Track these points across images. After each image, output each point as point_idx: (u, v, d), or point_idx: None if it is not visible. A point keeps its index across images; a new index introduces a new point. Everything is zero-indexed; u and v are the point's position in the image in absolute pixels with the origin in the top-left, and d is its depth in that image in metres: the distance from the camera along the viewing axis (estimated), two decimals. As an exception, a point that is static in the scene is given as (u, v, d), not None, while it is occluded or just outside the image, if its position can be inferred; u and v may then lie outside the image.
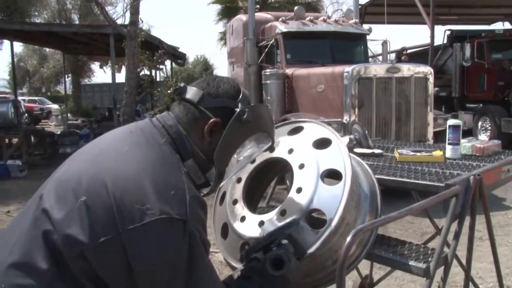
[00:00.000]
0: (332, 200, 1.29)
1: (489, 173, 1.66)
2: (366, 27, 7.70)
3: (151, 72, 11.45)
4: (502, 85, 9.23)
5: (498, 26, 14.95)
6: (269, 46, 6.82)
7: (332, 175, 1.36)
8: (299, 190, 1.33)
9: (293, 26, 6.84)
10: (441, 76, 10.52)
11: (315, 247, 1.23)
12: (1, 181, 7.15)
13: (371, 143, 2.17)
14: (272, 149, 1.45)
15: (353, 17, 7.43)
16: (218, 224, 1.51)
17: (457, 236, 1.45)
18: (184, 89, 1.16)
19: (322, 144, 1.43)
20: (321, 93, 5.82)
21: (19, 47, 28.17)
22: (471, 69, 9.77)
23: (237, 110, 1.13)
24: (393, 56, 9.66)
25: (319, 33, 6.92)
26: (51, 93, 32.95)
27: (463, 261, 1.65)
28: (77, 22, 21.21)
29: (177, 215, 0.96)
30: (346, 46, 7.08)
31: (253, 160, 1.49)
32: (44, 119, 19.86)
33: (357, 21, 7.49)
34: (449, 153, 1.97)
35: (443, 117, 5.91)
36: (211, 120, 1.13)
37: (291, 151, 1.44)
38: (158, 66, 10.23)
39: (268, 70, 6.58)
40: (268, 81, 6.47)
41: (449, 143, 1.98)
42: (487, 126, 9.28)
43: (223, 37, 15.93)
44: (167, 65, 13.05)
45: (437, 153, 1.97)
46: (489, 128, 9.19)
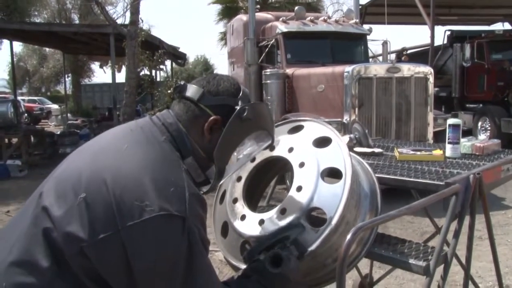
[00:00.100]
0: (332, 198, 1.29)
1: (489, 172, 1.66)
2: (366, 27, 7.70)
3: (151, 72, 11.46)
4: (502, 85, 9.25)
5: (498, 26, 14.98)
6: (269, 46, 6.83)
7: (332, 173, 1.36)
8: (299, 188, 1.33)
9: (294, 26, 6.84)
10: (441, 76, 10.53)
11: (315, 246, 1.23)
12: (1, 181, 7.14)
13: (371, 142, 2.16)
14: (272, 148, 1.45)
15: (353, 17, 7.43)
16: (218, 222, 1.51)
17: (457, 234, 1.45)
18: (184, 87, 1.17)
19: (322, 142, 1.43)
20: (321, 93, 5.82)
21: (18, 46, 28.27)
22: (471, 69, 9.77)
23: (237, 108, 1.14)
24: (393, 56, 9.66)
25: (319, 33, 6.92)
26: (51, 93, 32.95)
27: (463, 260, 1.66)
28: (77, 21, 21.23)
29: (177, 212, 0.96)
30: (346, 46, 7.09)
31: (253, 158, 1.49)
32: (44, 119, 19.85)
33: (358, 21, 7.49)
34: (449, 152, 1.97)
35: (443, 117, 5.92)
36: (211, 117, 1.13)
37: (291, 150, 1.44)
38: (158, 66, 10.23)
39: (268, 70, 6.58)
40: (268, 81, 6.48)
41: (449, 142, 1.98)
42: (487, 126, 9.29)
43: (224, 37, 15.93)
44: (167, 65, 13.07)
45: (437, 152, 1.97)
46: (489, 128, 9.19)
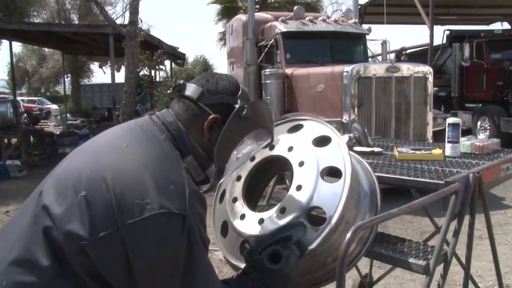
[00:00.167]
0: (332, 197, 1.29)
1: (489, 171, 1.66)
2: (365, 27, 7.71)
3: (151, 72, 11.45)
4: (501, 85, 9.26)
5: (497, 26, 15.03)
6: (268, 46, 6.83)
7: (332, 172, 1.36)
8: (299, 187, 1.33)
9: (293, 26, 6.84)
10: (440, 76, 10.53)
11: (315, 245, 1.23)
12: (0, 181, 7.14)
13: (370, 141, 2.16)
14: (271, 147, 1.45)
15: (352, 17, 7.43)
16: (218, 222, 1.51)
17: (457, 233, 1.45)
18: (183, 86, 1.17)
19: (321, 141, 1.43)
20: (320, 93, 5.82)
21: (18, 47, 28.31)
22: (470, 69, 9.78)
23: (236, 106, 1.14)
24: (392, 56, 9.67)
25: (318, 33, 6.92)
26: (50, 93, 32.95)
27: (463, 259, 1.66)
28: (77, 22, 21.23)
29: (177, 209, 0.96)
30: (345, 46, 7.09)
31: (252, 157, 1.49)
32: (43, 119, 19.84)
33: (357, 21, 7.49)
34: (448, 151, 1.97)
35: (442, 116, 5.92)
36: (211, 116, 1.13)
37: (290, 149, 1.44)
38: (157, 66, 10.22)
39: (267, 70, 6.58)
40: (267, 81, 6.47)
41: (449, 141, 1.98)
42: (486, 125, 9.30)
43: (223, 37, 15.93)
44: (167, 65, 13.06)
45: (437, 151, 1.97)
46: (488, 127, 9.20)
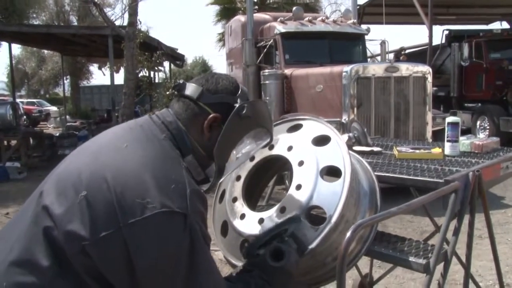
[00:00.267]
0: (331, 196, 1.29)
1: (488, 170, 1.66)
2: (364, 27, 7.71)
3: (150, 73, 11.44)
4: (500, 84, 9.26)
5: (496, 25, 15.05)
6: (267, 46, 6.82)
7: (331, 172, 1.36)
8: (298, 187, 1.33)
9: (292, 26, 6.84)
10: (439, 75, 10.54)
11: (315, 244, 1.23)
12: (0, 183, 7.13)
13: (370, 141, 2.17)
14: (271, 146, 1.45)
15: (351, 17, 7.44)
16: (217, 222, 1.51)
17: (457, 232, 1.45)
18: (183, 85, 1.17)
19: (321, 141, 1.43)
20: (320, 93, 5.82)
21: (17, 49, 28.33)
22: (470, 68, 9.79)
23: (236, 105, 1.14)
24: (391, 56, 9.68)
25: (317, 33, 6.92)
26: (50, 95, 32.94)
27: (463, 259, 1.66)
28: (76, 23, 21.24)
29: (178, 208, 0.96)
30: (344, 46, 7.09)
31: (252, 157, 1.49)
32: (42, 121, 19.83)
33: (355, 21, 7.50)
34: (448, 150, 1.98)
35: (441, 116, 5.92)
36: (211, 115, 1.13)
37: (290, 149, 1.44)
38: (156, 67, 10.22)
39: (266, 70, 6.58)
40: (267, 82, 6.47)
41: (448, 140, 1.98)
42: (486, 125, 9.30)
43: (222, 38, 15.91)
44: (166, 67, 13.06)
45: (436, 150, 1.97)
46: (488, 127, 9.21)
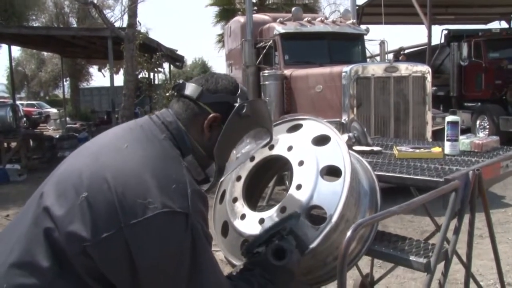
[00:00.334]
0: (332, 196, 1.29)
1: (488, 168, 1.66)
2: (363, 27, 7.71)
3: (149, 74, 11.45)
4: (499, 83, 9.26)
5: (494, 25, 15.06)
6: (267, 47, 6.82)
7: (331, 171, 1.36)
8: (299, 187, 1.33)
9: (291, 27, 6.84)
10: (439, 75, 10.55)
11: (315, 243, 1.23)
12: (0, 185, 7.13)
13: (370, 140, 2.17)
14: (271, 147, 1.45)
15: (350, 18, 7.43)
16: (218, 222, 1.51)
17: (457, 231, 1.45)
18: (183, 85, 1.17)
19: (321, 141, 1.43)
20: (319, 94, 5.82)
21: (17, 51, 28.38)
22: (469, 68, 9.79)
23: (236, 105, 1.15)
24: (391, 56, 9.68)
25: (317, 34, 6.92)
26: (50, 97, 32.95)
27: (464, 258, 1.66)
28: (75, 25, 21.26)
29: (179, 208, 0.96)
30: (344, 46, 7.09)
31: (252, 157, 1.49)
32: (42, 123, 19.82)
33: (355, 21, 7.50)
34: (447, 150, 1.98)
35: (441, 115, 5.92)
36: (211, 115, 1.13)
37: (290, 149, 1.44)
38: (156, 68, 10.23)
39: (266, 71, 6.58)
40: (266, 82, 6.47)
41: (448, 140, 1.98)
42: (486, 124, 9.30)
43: (221, 39, 15.91)
44: (165, 68, 13.06)
45: (436, 149, 1.98)
46: (488, 126, 9.20)
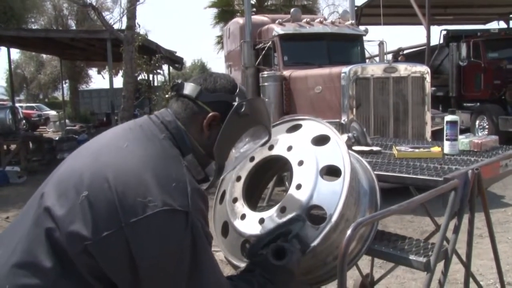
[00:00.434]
0: (331, 196, 1.30)
1: (487, 168, 1.67)
2: (362, 28, 7.72)
3: (149, 76, 11.45)
4: (498, 83, 9.27)
5: (493, 25, 15.07)
6: (266, 48, 6.83)
7: (331, 171, 1.36)
8: (298, 186, 1.33)
9: (290, 28, 6.85)
10: (438, 76, 10.56)
11: (316, 243, 1.24)
12: (0, 187, 7.13)
13: (369, 140, 2.17)
14: (271, 147, 1.46)
15: (349, 19, 7.44)
16: (218, 222, 1.51)
17: (457, 230, 1.45)
18: (181, 85, 1.18)
19: (320, 140, 1.43)
20: (318, 94, 5.83)
21: (16, 54, 28.34)
22: (468, 68, 9.80)
23: (235, 103, 1.15)
24: (390, 56, 9.69)
25: (315, 35, 6.93)
26: (49, 99, 32.94)
27: (463, 258, 1.66)
28: (74, 27, 21.27)
29: (179, 206, 0.97)
30: (343, 47, 7.10)
31: (252, 158, 1.49)
32: (42, 125, 19.82)
33: (353, 22, 7.51)
34: (447, 149, 1.98)
35: (440, 116, 5.93)
36: (210, 114, 1.14)
37: (290, 149, 1.44)
38: (155, 70, 10.23)
39: (265, 72, 6.59)
40: (265, 84, 6.48)
41: (447, 139, 1.98)
42: (485, 124, 9.30)
43: (220, 40, 15.93)
44: (165, 70, 13.07)
45: (435, 149, 1.98)
46: (487, 126, 9.21)
